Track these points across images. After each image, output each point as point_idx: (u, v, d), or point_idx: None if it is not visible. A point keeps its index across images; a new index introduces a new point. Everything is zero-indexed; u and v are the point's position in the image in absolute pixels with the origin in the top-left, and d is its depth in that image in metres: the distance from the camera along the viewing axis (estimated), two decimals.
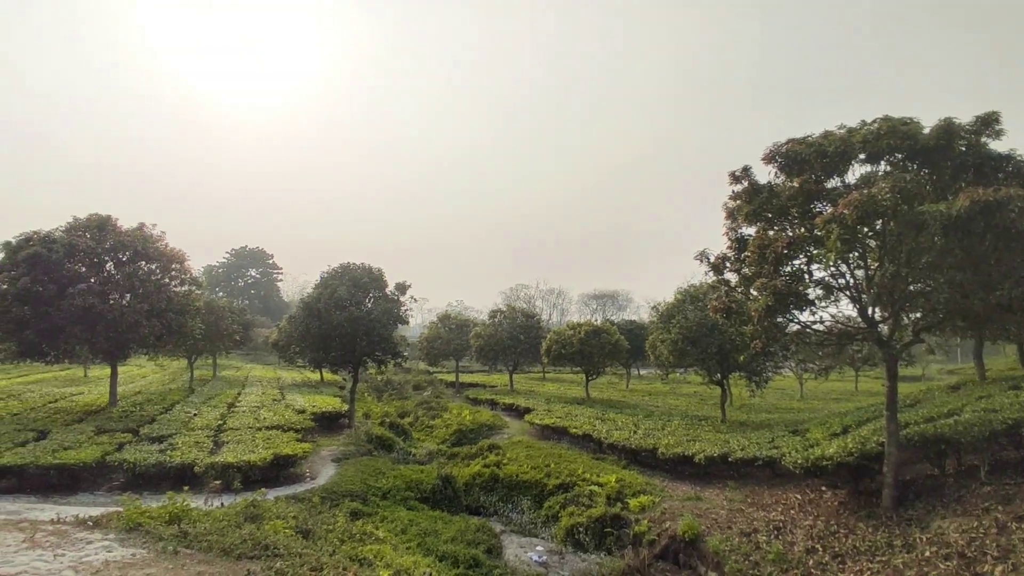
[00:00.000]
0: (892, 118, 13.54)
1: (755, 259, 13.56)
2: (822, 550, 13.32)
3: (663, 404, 41.04)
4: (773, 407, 38.50)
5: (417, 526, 17.37)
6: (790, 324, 14.35)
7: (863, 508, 14.60)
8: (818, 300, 14.34)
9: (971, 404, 18.16)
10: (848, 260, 13.65)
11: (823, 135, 14.36)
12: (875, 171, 14.26)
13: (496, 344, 52.29)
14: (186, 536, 8.85)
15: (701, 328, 27.72)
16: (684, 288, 32.28)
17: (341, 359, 31.73)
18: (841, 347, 15.39)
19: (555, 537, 18.74)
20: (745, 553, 14.14)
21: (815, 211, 13.98)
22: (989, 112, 13.07)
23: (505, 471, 23.82)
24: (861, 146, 13.35)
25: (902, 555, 11.96)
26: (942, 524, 12.42)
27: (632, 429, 26.91)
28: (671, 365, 31.78)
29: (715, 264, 15.36)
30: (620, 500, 19.27)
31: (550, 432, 31.15)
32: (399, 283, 32.94)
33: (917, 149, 13.02)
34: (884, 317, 14.36)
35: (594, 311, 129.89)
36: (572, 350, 42.50)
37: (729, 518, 16.44)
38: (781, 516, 15.84)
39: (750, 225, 15.09)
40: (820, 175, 14.18)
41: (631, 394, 49.87)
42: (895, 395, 14.27)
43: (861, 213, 11.09)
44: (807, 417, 29.00)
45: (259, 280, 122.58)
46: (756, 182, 14.91)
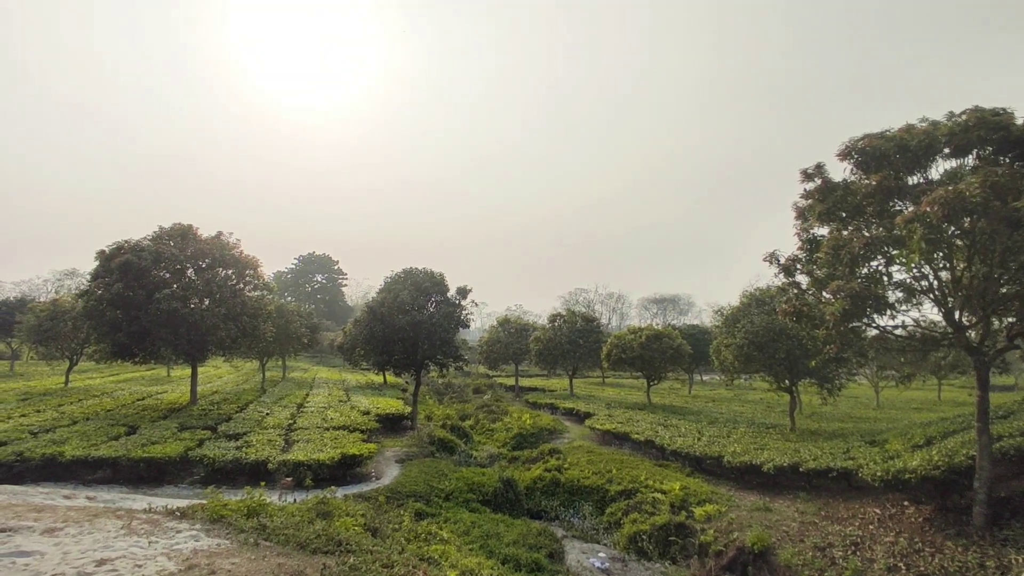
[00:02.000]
0: (982, 109, 12.68)
1: (828, 260, 12.94)
2: (905, 568, 12.57)
3: (727, 411, 39.86)
4: (846, 416, 36.76)
5: (479, 528, 17.47)
6: (867, 329, 13.61)
7: (951, 526, 13.69)
8: (898, 303, 13.55)
9: None
10: (932, 261, 12.85)
11: (904, 128, 13.60)
12: (962, 165, 13.40)
13: (555, 348, 52.15)
14: (264, 529, 9.22)
15: (768, 332, 26.74)
16: (750, 291, 31.24)
17: (404, 362, 32.37)
18: (925, 353, 14.47)
19: (617, 544, 18.45)
20: (820, 568, 13.51)
21: (894, 209, 13.25)
22: None
23: (566, 476, 23.66)
24: (947, 139, 12.56)
25: None
26: None
27: (696, 436, 26.25)
28: (736, 371, 30.80)
29: (785, 266, 14.77)
30: (685, 508, 18.80)
31: (611, 438, 30.77)
32: (460, 287, 33.34)
33: (1010, 140, 12.13)
34: (973, 321, 13.42)
35: (654, 315, 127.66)
36: (633, 355, 41.92)
37: (801, 531, 15.76)
38: (859, 531, 15.05)
39: (822, 225, 14.43)
40: (900, 171, 13.43)
41: (694, 400, 48.69)
42: (987, 405, 13.30)
43: (948, 211, 10.40)
44: (885, 427, 27.49)
45: (325, 285, 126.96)
46: (830, 180, 14.25)
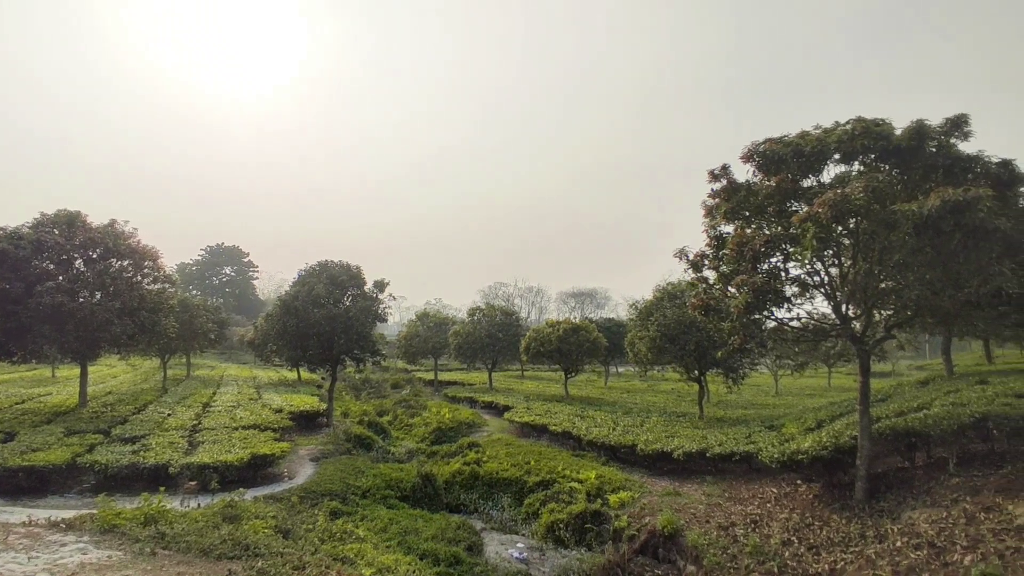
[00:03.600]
0: (866, 119, 13.80)
1: (733, 257, 13.75)
2: (798, 542, 13.58)
3: (641, 401, 41.42)
4: (749, 403, 39.13)
5: (397, 524, 17.30)
6: (767, 321, 14.58)
7: (837, 501, 14.91)
8: (794, 297, 14.58)
9: (940, 399, 18.64)
10: (823, 258, 13.91)
11: (800, 135, 14.60)
12: (849, 171, 14.55)
13: (475, 342, 52.28)
14: (163, 537, 8.71)
15: (679, 325, 28.01)
16: (662, 286, 32.57)
17: (319, 357, 31.42)
18: (816, 343, 15.67)
19: (535, 534, 18.81)
20: (723, 546, 14.36)
21: (791, 210, 14.21)
22: (959, 114, 13.40)
23: (485, 469, 23.84)
24: (836, 146, 13.60)
25: (874, 545, 12.25)
26: (912, 515, 12.74)
27: (611, 426, 27.14)
28: (649, 362, 32.08)
29: (694, 262, 15.54)
30: (600, 496, 19.42)
31: (529, 430, 31.25)
32: (378, 281, 32.73)
33: (890, 150, 13.30)
34: (857, 314, 14.67)
35: (572, 309, 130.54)
36: (551, 348, 42.70)
37: (707, 512, 16.67)
38: (758, 509, 16.11)
39: (728, 223, 15.28)
40: (797, 174, 14.41)
41: (610, 391, 50.25)
42: (867, 390, 14.59)
43: (835, 212, 11.32)
44: (782, 413, 29.52)
45: (234, 278, 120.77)
46: (734, 180, 15.11)
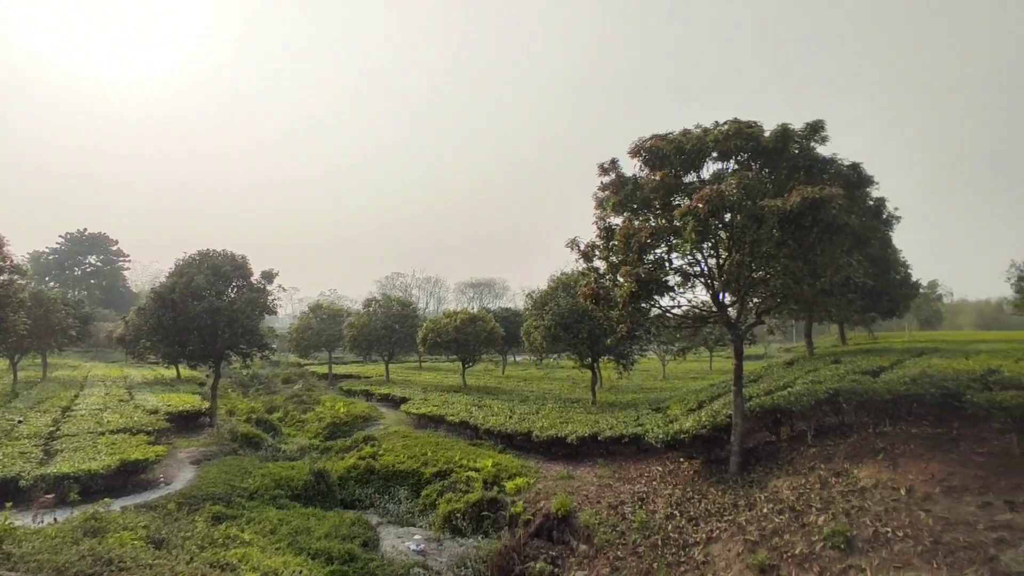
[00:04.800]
0: (740, 121, 14.87)
1: (621, 248, 14.36)
2: (680, 515, 14.51)
3: (538, 389, 42.36)
4: (639, 387, 41.11)
5: (288, 525, 16.62)
6: (652, 309, 15.39)
7: (714, 475, 16.07)
8: (677, 286, 15.48)
9: (801, 377, 20.55)
10: (702, 250, 14.87)
11: (682, 133, 15.47)
12: (726, 168, 15.61)
13: (371, 334, 51.10)
14: (10, 558, 7.76)
15: (572, 314, 28.89)
16: (557, 276, 33.42)
17: (200, 353, 29.32)
18: (696, 329, 16.75)
19: (433, 525, 18.79)
20: (613, 524, 15.06)
21: (675, 204, 15.06)
22: (816, 120, 14.78)
23: (381, 462, 23.45)
24: (714, 145, 14.56)
25: (745, 513, 13.34)
26: (777, 483, 14.00)
27: (508, 414, 27.55)
28: (545, 351, 32.89)
29: (584, 252, 16.09)
30: (497, 484, 19.71)
31: (427, 421, 31.09)
32: (266, 271, 31.04)
33: (759, 150, 14.45)
34: (732, 301, 15.85)
35: (471, 299, 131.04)
36: (448, 338, 42.62)
37: (599, 493, 17.38)
38: (645, 487, 17.01)
39: (617, 215, 15.93)
40: (679, 170, 15.28)
41: (507, 380, 50.98)
42: (741, 372, 15.83)
43: (712, 206, 12.15)
44: (668, 395, 31.28)
45: (101, 269, 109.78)
46: (623, 174, 15.76)
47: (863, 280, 12.92)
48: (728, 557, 12.29)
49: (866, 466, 13.11)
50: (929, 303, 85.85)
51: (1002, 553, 9.59)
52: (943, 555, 9.95)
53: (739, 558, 12.04)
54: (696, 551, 12.95)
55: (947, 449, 12.82)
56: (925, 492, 11.56)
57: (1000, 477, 11.35)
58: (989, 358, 19.37)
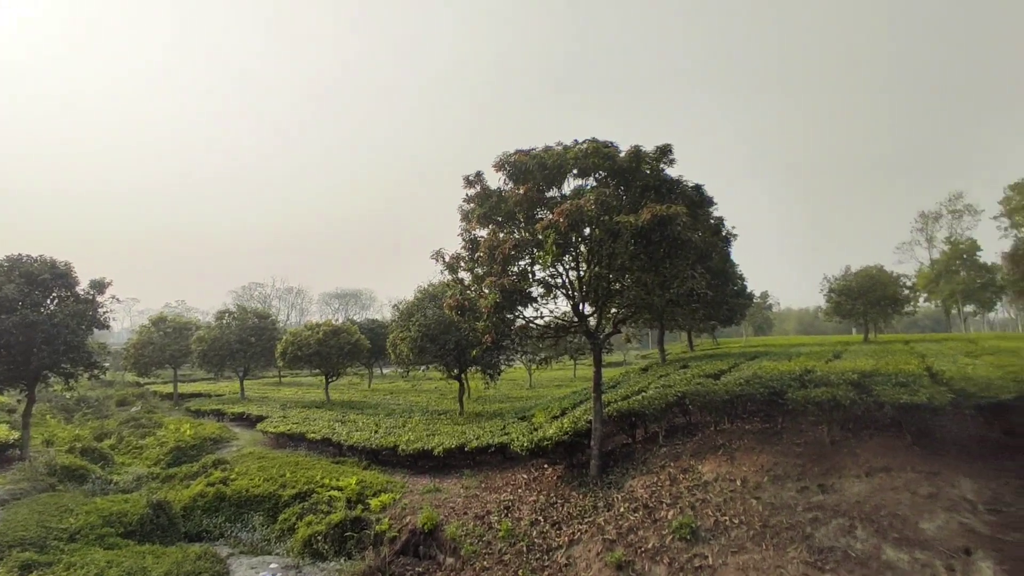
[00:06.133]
0: (598, 141, 15.71)
1: (486, 259, 14.56)
2: (544, 520, 14.86)
3: (405, 401, 41.59)
4: (506, 397, 41.72)
5: (118, 567, 14.76)
6: (516, 319, 15.74)
7: (576, 479, 16.67)
8: (540, 297, 15.97)
9: (655, 382, 22.06)
10: (563, 262, 15.48)
11: (544, 149, 16.04)
12: (585, 185, 16.39)
13: (223, 348, 47.21)
14: None
15: (439, 325, 28.75)
16: (424, 287, 33.13)
17: (9, 375, 25.24)
18: (558, 339, 17.36)
19: (292, 550, 17.64)
20: (479, 535, 15.08)
21: (538, 217, 15.55)
22: (665, 144, 15.96)
23: (233, 487, 21.64)
24: (574, 163, 15.24)
25: (604, 514, 13.98)
26: (632, 483, 14.84)
27: (373, 429, 26.75)
28: (411, 362, 32.39)
29: (450, 264, 16.11)
30: (361, 502, 18.97)
31: (286, 440, 29.27)
32: (95, 280, 27.45)
33: (615, 169, 15.34)
34: (591, 312, 16.64)
35: (336, 311, 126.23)
36: (310, 351, 40.54)
37: (465, 504, 17.34)
38: (511, 496, 17.22)
39: (482, 227, 16.13)
40: (542, 185, 15.79)
41: (373, 394, 49.53)
42: (600, 379, 16.64)
43: (572, 220, 12.71)
44: (534, 404, 32.04)
45: None
46: (488, 187, 16.01)
47: (704, 291, 14.15)
48: (588, 557, 12.80)
49: (709, 461, 14.31)
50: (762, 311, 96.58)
51: (816, 531, 10.89)
52: (770, 537, 11.09)
53: (598, 557, 12.57)
54: (559, 554, 13.34)
55: (773, 442, 14.36)
56: (756, 481, 12.83)
57: (814, 464, 12.90)
58: (806, 360, 22.07)
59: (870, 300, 38.84)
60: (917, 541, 10.06)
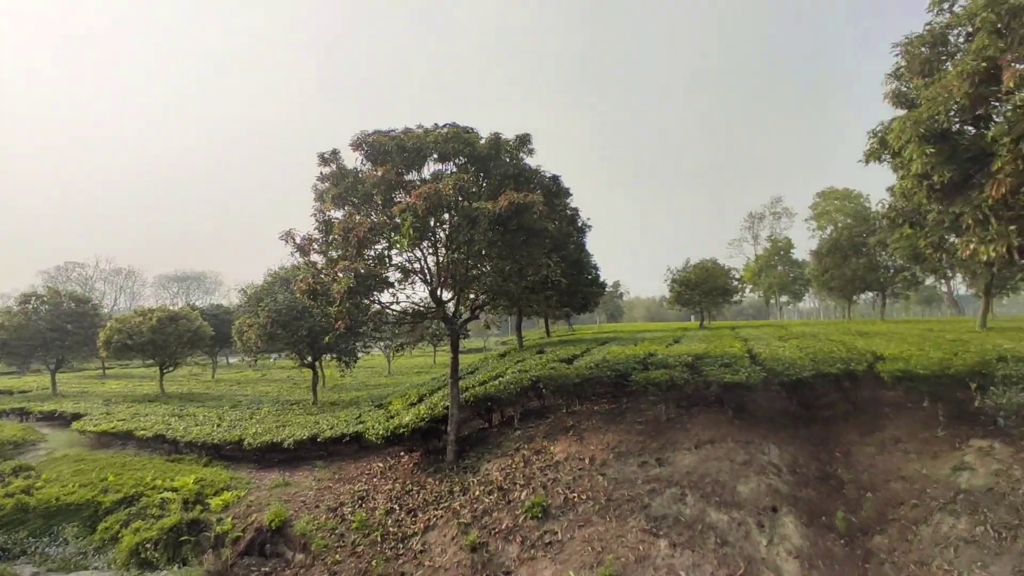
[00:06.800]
0: (459, 127, 15.63)
1: (340, 242, 13.95)
2: (399, 508, 14.68)
3: (253, 392, 39.08)
4: (363, 384, 40.76)
5: None
6: (372, 305, 15.28)
7: (432, 465, 16.64)
8: (398, 283, 15.64)
9: (511, 367, 22.60)
10: (422, 247, 15.28)
11: (404, 131, 15.65)
12: (445, 170, 16.25)
13: (31, 337, 41.01)
14: None
15: (291, 311, 27.25)
16: (275, 270, 31.16)
17: None
18: (415, 325, 17.15)
19: (115, 562, 15.79)
20: (332, 528, 14.56)
21: (397, 200, 15.16)
22: (524, 133, 16.29)
23: (40, 496, 18.90)
24: (433, 146, 15.03)
25: (460, 498, 14.10)
26: (488, 466, 15.10)
27: (216, 422, 24.78)
28: (260, 350, 30.38)
29: (301, 245, 15.20)
30: (200, 502, 17.46)
31: (111, 439, 26.11)
32: None
33: (475, 155, 15.37)
34: (450, 298, 16.62)
35: (175, 295, 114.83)
36: (142, 340, 36.49)
37: (317, 497, 16.65)
38: (365, 485, 16.81)
39: (338, 208, 15.42)
40: (401, 168, 15.41)
41: (217, 385, 45.93)
42: (457, 365, 16.70)
43: (429, 204, 12.54)
44: (392, 391, 31.58)
45: None
46: (344, 167, 15.31)
47: (558, 279, 14.69)
48: (444, 542, 12.85)
49: (560, 442, 14.94)
50: (614, 300, 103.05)
51: (653, 501, 11.80)
52: (613, 509, 11.85)
53: (453, 541, 12.67)
54: (414, 541, 13.26)
55: (618, 421, 15.32)
56: (602, 459, 13.63)
57: (653, 440, 13.96)
58: (650, 344, 23.82)
59: (705, 290, 42.81)
60: (734, 503, 11.28)
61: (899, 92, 12.10)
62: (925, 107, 10.16)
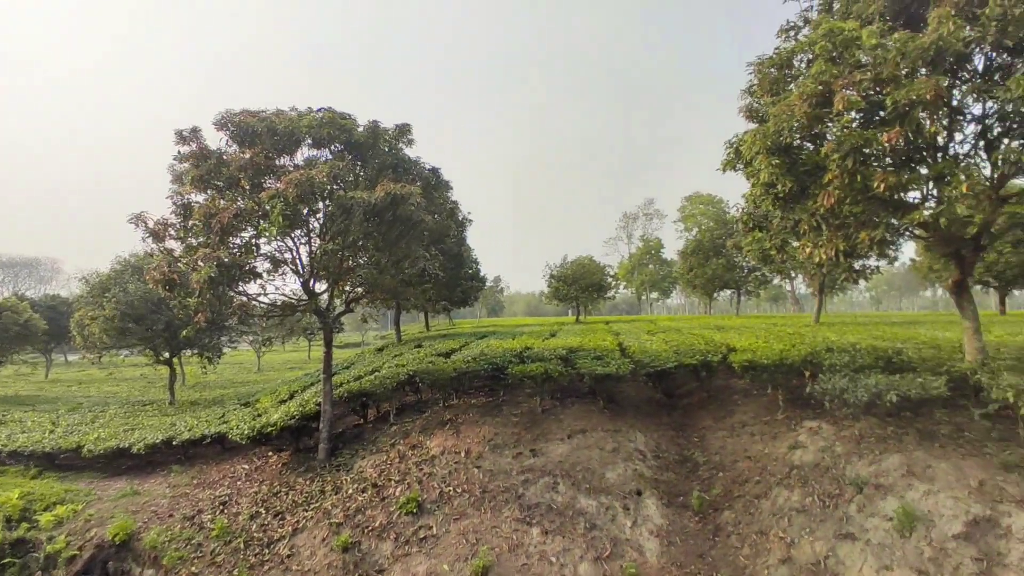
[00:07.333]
0: (335, 111, 14.97)
1: (201, 228, 12.89)
2: (265, 512, 13.89)
3: (98, 393, 35.32)
4: (230, 382, 38.23)
5: None
6: (238, 296, 14.27)
7: (302, 464, 15.91)
8: (267, 273, 14.75)
9: (388, 362, 22.17)
10: (293, 236, 14.50)
11: (276, 113, 14.74)
12: (320, 156, 15.52)
13: None
14: None
15: (146, 303, 24.83)
16: (125, 257, 28.18)
17: None
18: (285, 318, 16.28)
19: None
20: (187, 538, 13.48)
21: (267, 186, 14.25)
22: (404, 123, 15.97)
23: None
24: (307, 131, 14.28)
25: (331, 497, 13.61)
26: (362, 464, 14.71)
27: (49, 428, 22.04)
28: (106, 346, 27.37)
29: (155, 230, 13.81)
30: (27, 519, 15.42)
31: None
32: None
33: (353, 143, 14.82)
34: (323, 290, 15.94)
35: (1, 283, 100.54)
36: None
37: (172, 505, 15.34)
38: (228, 490, 15.74)
39: (199, 192, 14.23)
40: (272, 152, 14.51)
41: (53, 386, 40.88)
42: (330, 359, 16.06)
43: (301, 192, 11.90)
44: (261, 388, 29.90)
45: None
46: (206, 147, 14.13)
47: (436, 272, 14.57)
48: (313, 544, 12.35)
49: (436, 436, 14.87)
50: (495, 294, 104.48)
51: (527, 490, 12.10)
52: (488, 501, 12.00)
53: (324, 543, 12.21)
54: (281, 546, 12.63)
55: (495, 414, 15.53)
56: (478, 452, 13.74)
57: (528, 431, 14.30)
58: (528, 339, 24.38)
59: (582, 286, 44.62)
60: (603, 488, 11.85)
61: (751, 107, 13.21)
62: (772, 123, 11.18)
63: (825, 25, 10.98)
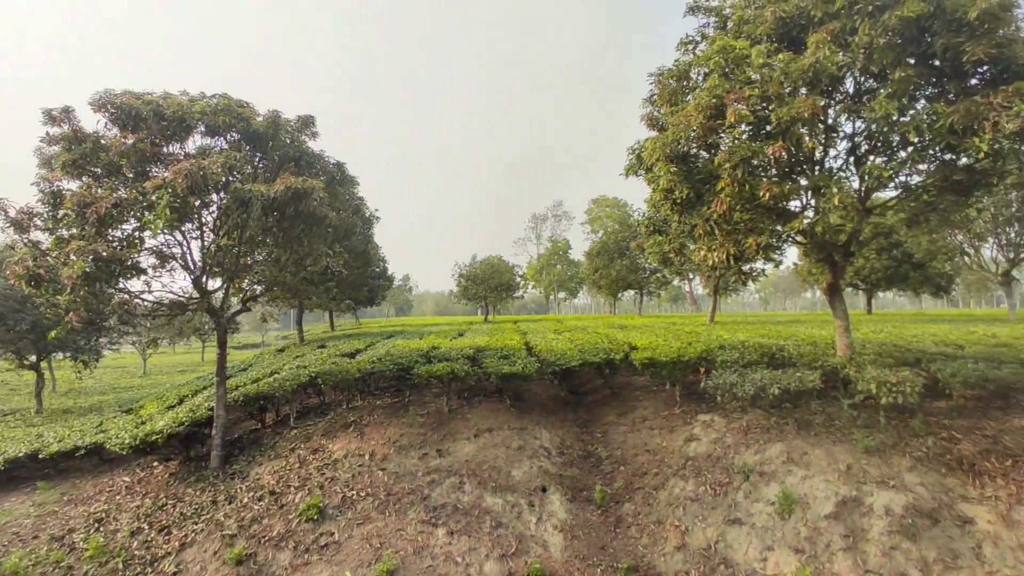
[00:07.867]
0: (231, 98, 14.08)
1: (75, 219, 11.70)
2: (149, 527, 12.85)
3: None
4: (110, 387, 35.12)
5: None
6: (118, 294, 13.08)
7: (193, 474, 14.87)
8: (152, 269, 13.66)
9: (289, 363, 21.21)
10: (183, 230, 13.52)
11: (163, 96, 13.67)
12: (214, 145, 14.56)
13: None
14: None
15: (7, 301, 22.30)
16: None
17: None
18: (173, 318, 15.14)
19: None
20: (56, 561, 12.21)
21: (153, 174, 13.19)
22: (307, 115, 15.31)
23: None
24: (200, 117, 13.34)
25: (225, 508, 12.80)
26: (259, 470, 13.96)
27: None
28: None
29: (17, 220, 12.37)
30: None
31: None
32: None
33: (251, 133, 14.02)
34: (217, 288, 14.98)
35: None
36: None
37: (37, 526, 13.86)
38: (105, 505, 14.44)
39: (72, 178, 12.93)
40: (159, 138, 13.45)
41: None
42: (224, 361, 15.10)
43: (191, 182, 11.09)
44: (147, 393, 27.72)
45: None
46: (81, 129, 12.85)
47: (340, 270, 14.08)
48: (204, 559, 11.57)
49: (339, 439, 14.39)
50: (403, 293, 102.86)
51: (433, 491, 11.97)
52: (393, 504, 11.76)
53: (216, 556, 11.48)
54: (167, 563, 11.72)
55: (401, 415, 15.25)
56: (384, 454, 13.43)
57: (435, 431, 14.15)
58: (435, 338, 24.17)
59: (491, 286, 44.86)
60: (508, 486, 11.94)
61: (652, 116, 13.78)
62: (671, 132, 11.72)
63: (720, 42, 11.68)
